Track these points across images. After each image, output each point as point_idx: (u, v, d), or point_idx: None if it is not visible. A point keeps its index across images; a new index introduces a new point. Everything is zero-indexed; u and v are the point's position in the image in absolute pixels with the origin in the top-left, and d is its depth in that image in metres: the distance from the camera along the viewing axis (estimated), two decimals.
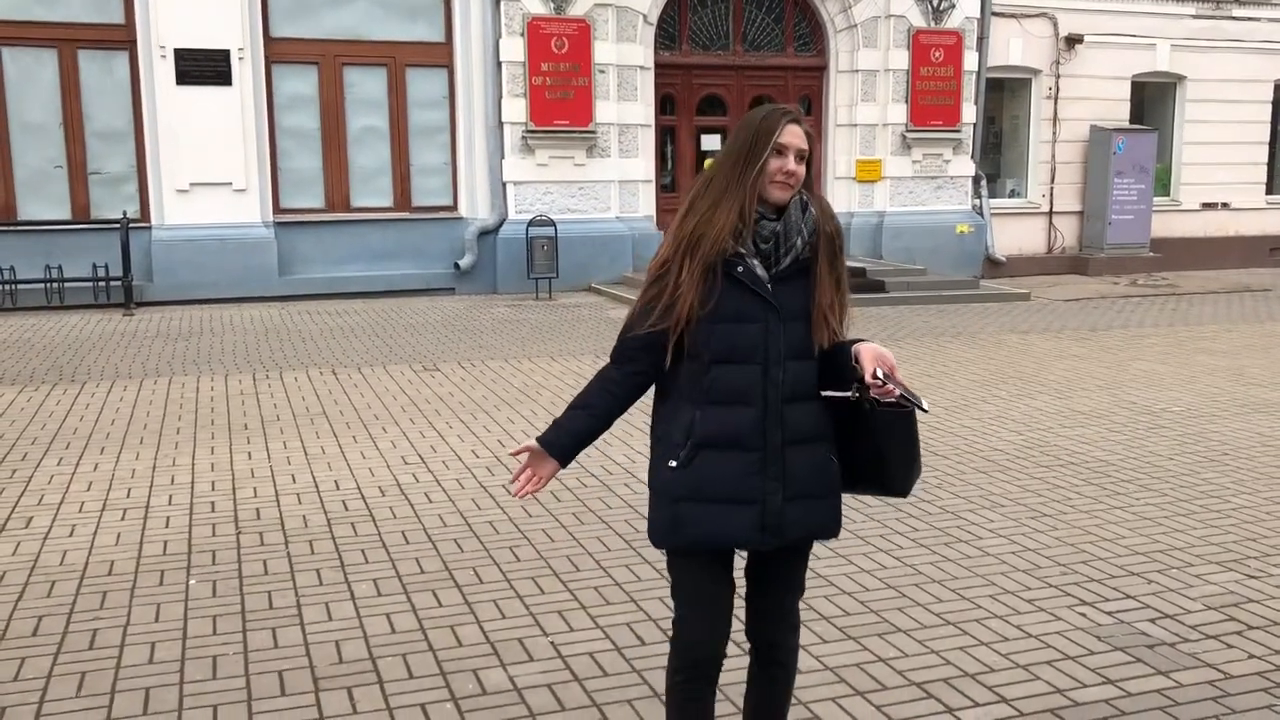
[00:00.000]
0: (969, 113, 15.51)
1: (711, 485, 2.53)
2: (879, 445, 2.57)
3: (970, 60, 15.35)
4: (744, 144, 2.52)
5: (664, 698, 2.88)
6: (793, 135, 2.49)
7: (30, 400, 7.84)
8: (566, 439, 2.66)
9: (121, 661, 3.74)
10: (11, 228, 12.46)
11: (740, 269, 2.49)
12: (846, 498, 2.70)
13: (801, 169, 2.51)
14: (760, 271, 2.51)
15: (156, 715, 3.38)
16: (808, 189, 2.56)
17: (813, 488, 2.58)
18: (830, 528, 2.65)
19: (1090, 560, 4.68)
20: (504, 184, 13.86)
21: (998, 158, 17.05)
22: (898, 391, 2.44)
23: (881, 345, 2.55)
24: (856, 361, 2.52)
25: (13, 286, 12.07)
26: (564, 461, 2.69)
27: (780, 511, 2.54)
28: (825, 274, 2.54)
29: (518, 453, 2.72)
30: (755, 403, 2.51)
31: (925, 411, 2.50)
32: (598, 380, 2.67)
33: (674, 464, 2.56)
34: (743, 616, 2.78)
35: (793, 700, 3.39)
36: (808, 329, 2.54)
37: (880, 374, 2.45)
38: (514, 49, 13.54)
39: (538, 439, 2.68)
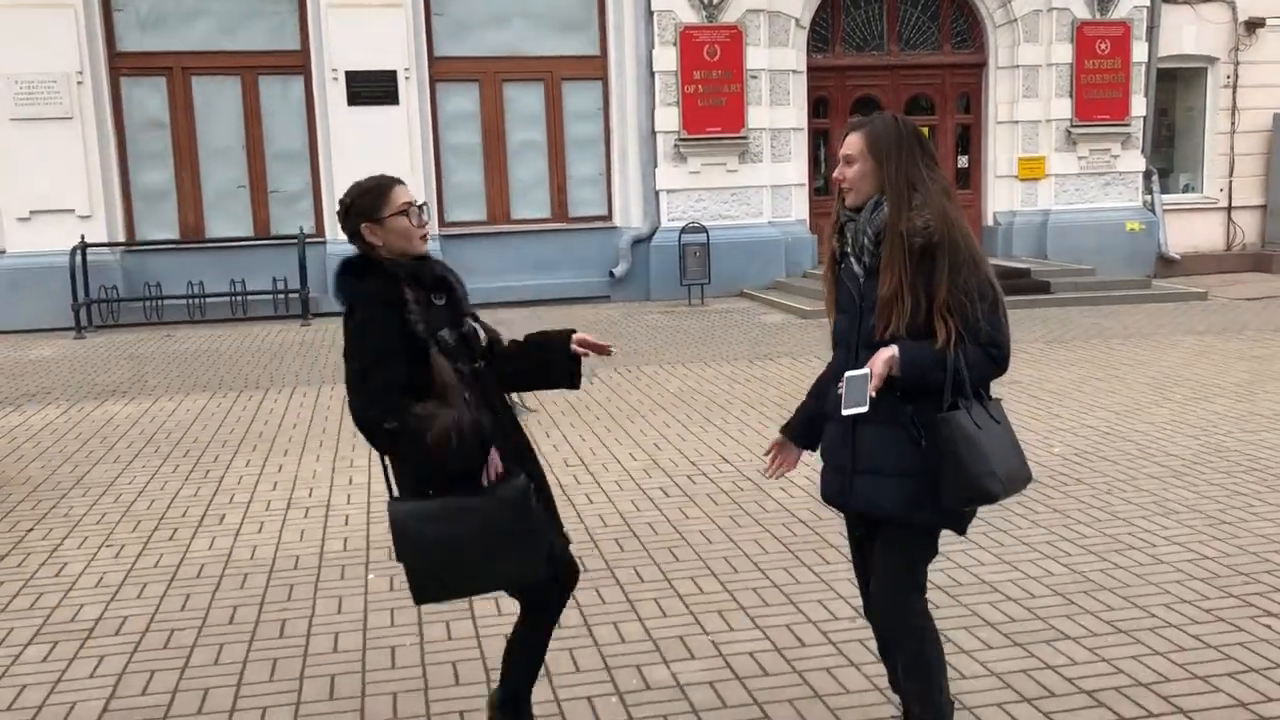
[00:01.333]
0: (1138, 105, 14.86)
1: (826, 449, 2.97)
2: (935, 451, 2.71)
3: (1139, 50, 14.71)
4: None
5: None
6: (843, 145, 2.85)
7: (220, 406, 8.37)
8: (795, 417, 3.10)
9: (309, 650, 3.99)
10: (200, 245, 13.31)
11: (843, 265, 2.88)
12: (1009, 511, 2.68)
13: (850, 171, 2.81)
14: (856, 268, 2.82)
15: (340, 700, 3.59)
16: (893, 189, 2.74)
17: (880, 465, 2.78)
18: (888, 505, 2.78)
19: (1275, 569, 4.46)
20: (657, 192, 14.02)
21: (1170, 151, 16.27)
22: (840, 389, 2.71)
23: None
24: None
25: (201, 300, 12.88)
26: (800, 442, 3.08)
27: (851, 481, 2.83)
28: (891, 269, 2.70)
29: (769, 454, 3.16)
30: None
31: (841, 418, 2.70)
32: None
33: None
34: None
35: (957, 704, 3.37)
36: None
37: (847, 374, 2.70)
38: (667, 58, 13.69)
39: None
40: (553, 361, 3.07)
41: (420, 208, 2.95)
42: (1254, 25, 15.36)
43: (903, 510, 2.77)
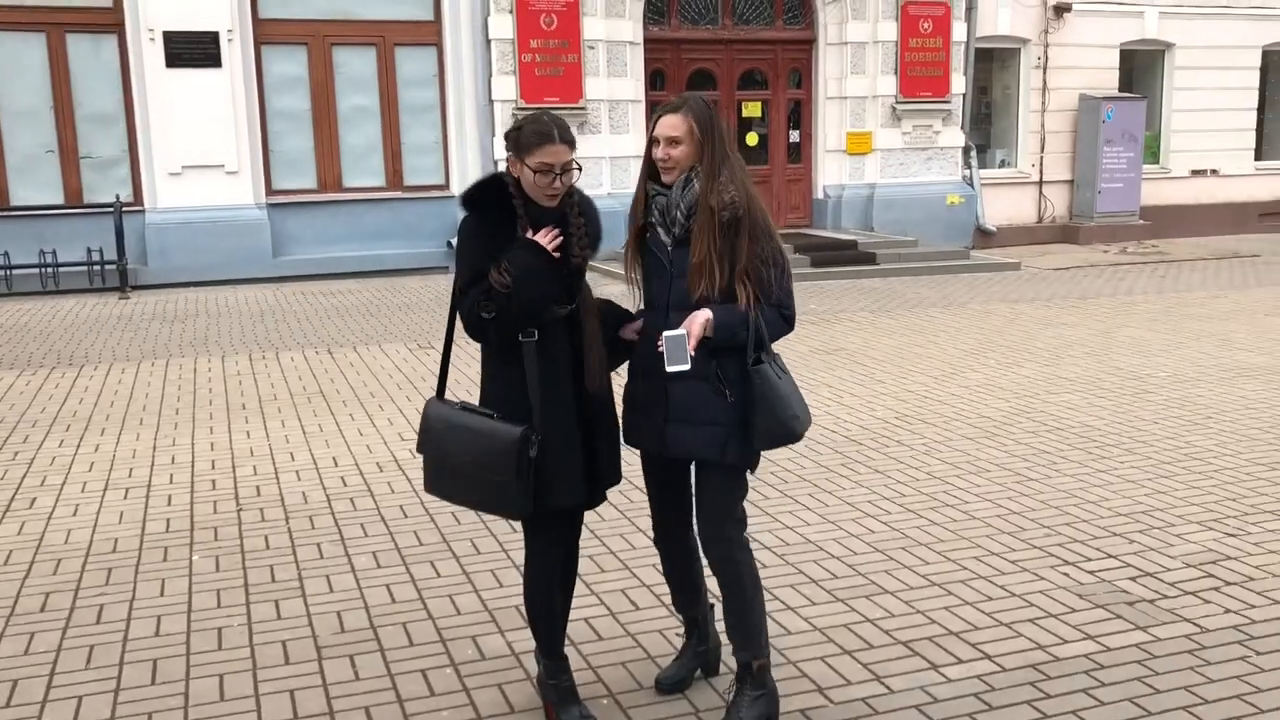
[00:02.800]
0: (958, 83, 15.53)
1: (633, 399, 3.18)
2: (746, 400, 2.99)
3: (959, 30, 15.36)
4: (648, 136, 3.12)
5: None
6: (662, 127, 3.03)
7: (29, 384, 7.91)
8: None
9: (129, 635, 3.84)
10: (4, 213, 12.49)
11: (649, 235, 3.12)
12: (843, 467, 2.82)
13: (675, 151, 3.00)
14: (664, 237, 3.07)
15: (164, 684, 3.48)
16: (707, 166, 2.98)
17: (690, 415, 3.03)
18: (701, 450, 3.05)
19: (1074, 522, 4.79)
20: (495, 162, 13.85)
21: (988, 128, 17.07)
22: (661, 348, 2.88)
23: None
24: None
25: (7, 272, 12.10)
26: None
27: (664, 430, 3.07)
28: (701, 240, 2.95)
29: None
30: (655, 341, 3.01)
31: (668, 372, 2.88)
32: None
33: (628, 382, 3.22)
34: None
35: (780, 659, 3.51)
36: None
37: (664, 334, 2.89)
38: (503, 26, 13.54)
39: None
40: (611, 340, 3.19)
41: (564, 173, 2.97)
42: (1062, 9, 16.23)
43: (714, 454, 3.04)
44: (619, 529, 4.78)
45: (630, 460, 3.26)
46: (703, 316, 2.91)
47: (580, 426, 3.09)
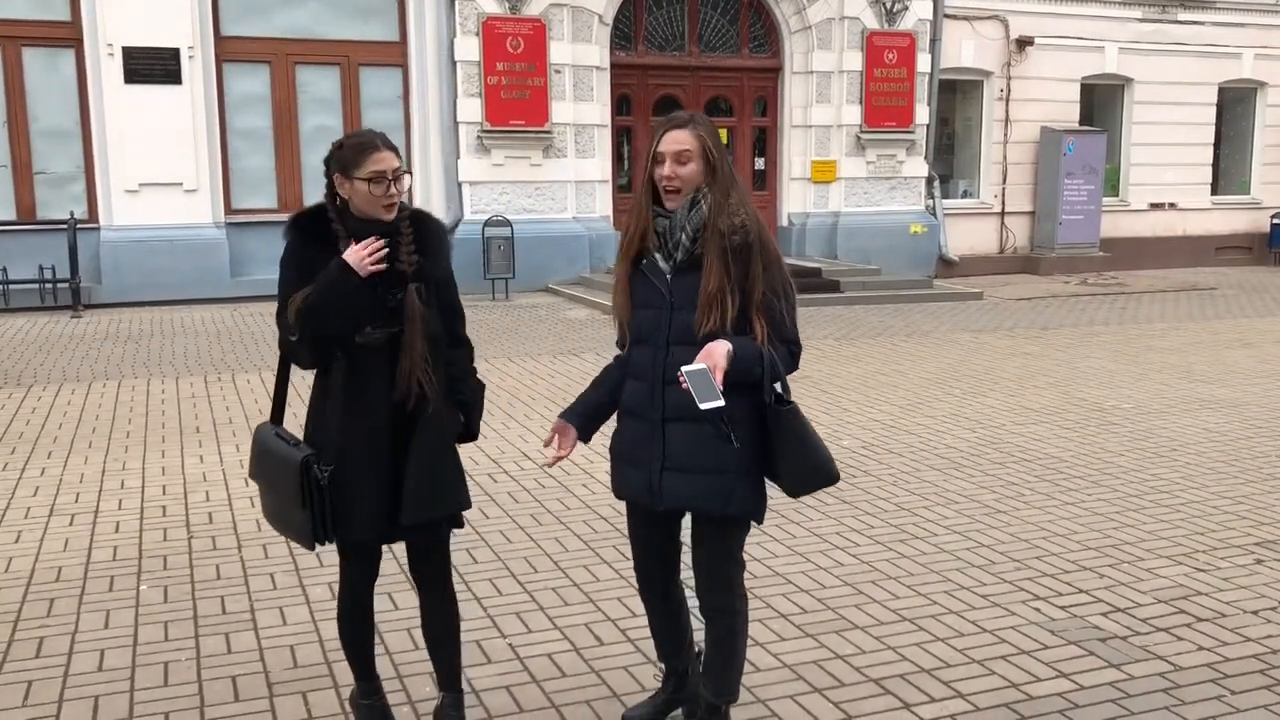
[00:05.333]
0: (922, 114, 15.65)
1: (622, 446, 2.94)
2: (773, 439, 2.76)
3: (923, 62, 15.50)
4: (647, 153, 2.83)
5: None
6: (669, 142, 2.76)
7: None
8: (576, 404, 3.03)
9: (70, 670, 3.67)
10: None
11: (644, 262, 2.82)
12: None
13: (683, 170, 2.74)
14: (662, 265, 2.79)
15: None
16: (716, 186, 2.75)
17: (690, 463, 2.77)
18: (701, 502, 2.81)
19: (1043, 555, 4.74)
20: (460, 184, 13.79)
21: (951, 159, 17.22)
22: (685, 385, 2.60)
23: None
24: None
25: None
26: (581, 432, 3.00)
27: (660, 479, 2.81)
28: (713, 266, 2.70)
29: (549, 439, 3.03)
30: (649, 380, 2.83)
31: (705, 415, 2.60)
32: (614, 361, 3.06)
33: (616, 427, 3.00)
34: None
35: (749, 698, 3.41)
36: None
37: (683, 370, 2.61)
38: (469, 48, 13.47)
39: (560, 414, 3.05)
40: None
41: (395, 178, 2.86)
42: (1024, 43, 16.43)
43: (718, 505, 2.80)
44: (582, 560, 4.67)
45: (595, 490, 3.16)
46: (723, 347, 2.64)
47: (392, 458, 2.91)
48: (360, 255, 2.80)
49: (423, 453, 2.91)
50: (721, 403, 2.57)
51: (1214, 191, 18.43)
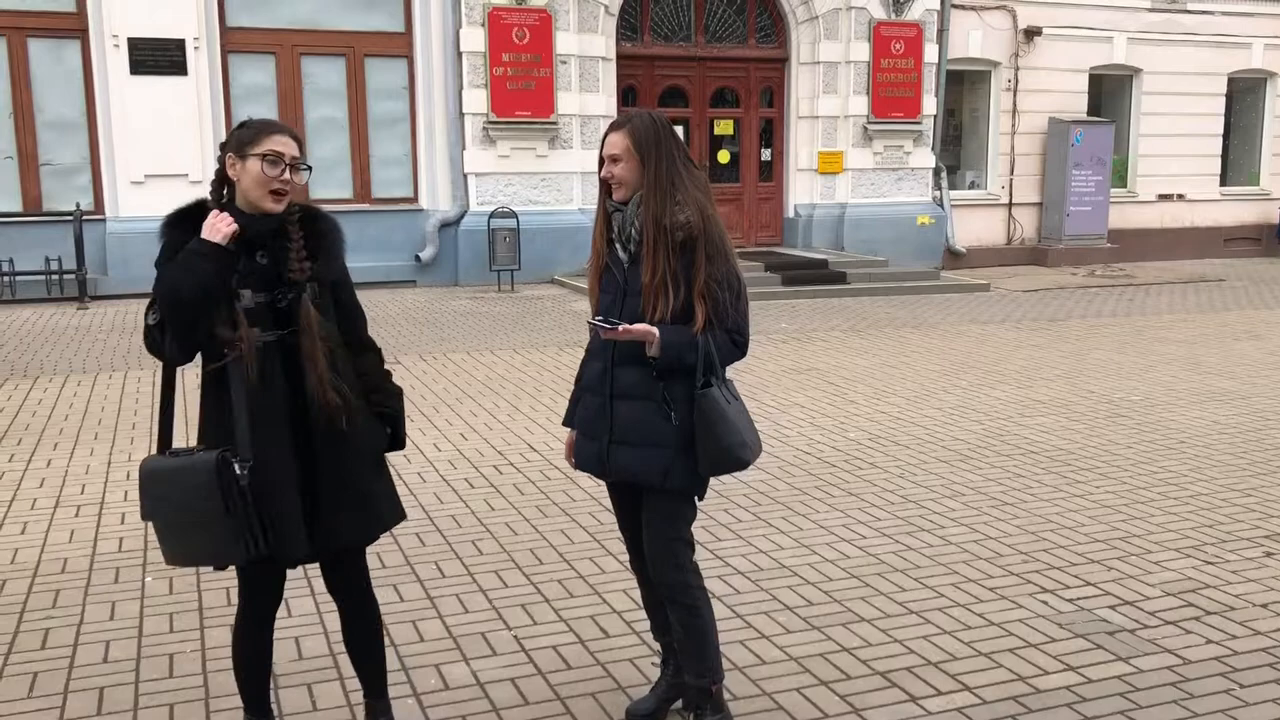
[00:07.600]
0: (929, 105, 15.58)
1: (580, 421, 3.14)
2: (694, 419, 2.93)
3: (930, 52, 15.41)
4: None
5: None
6: (606, 145, 2.97)
7: None
8: (570, 407, 3.25)
9: (75, 661, 3.67)
10: None
11: (610, 250, 3.06)
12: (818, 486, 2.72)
13: (617, 169, 2.94)
14: (620, 254, 3.02)
15: (111, 715, 3.32)
16: (650, 185, 2.90)
17: (633, 437, 2.97)
18: (642, 474, 2.97)
19: (1051, 548, 4.72)
20: (465, 175, 13.76)
21: (958, 150, 17.15)
22: (595, 320, 2.91)
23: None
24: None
25: None
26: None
27: (608, 451, 3.01)
28: (651, 261, 2.90)
29: (567, 453, 3.26)
30: (603, 359, 3.03)
31: (603, 328, 2.86)
32: None
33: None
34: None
35: (755, 690, 3.40)
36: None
37: (599, 318, 2.91)
38: (474, 39, 13.43)
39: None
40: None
41: (291, 167, 2.70)
42: (1032, 33, 16.34)
43: (656, 479, 2.97)
44: (588, 552, 4.66)
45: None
46: (649, 326, 2.87)
47: (306, 473, 2.75)
48: (214, 222, 2.63)
49: (336, 475, 2.78)
50: (610, 327, 2.84)
51: (1223, 182, 18.33)
